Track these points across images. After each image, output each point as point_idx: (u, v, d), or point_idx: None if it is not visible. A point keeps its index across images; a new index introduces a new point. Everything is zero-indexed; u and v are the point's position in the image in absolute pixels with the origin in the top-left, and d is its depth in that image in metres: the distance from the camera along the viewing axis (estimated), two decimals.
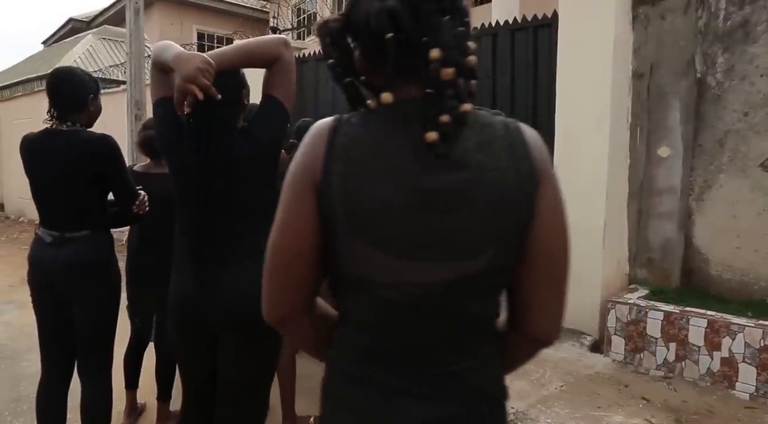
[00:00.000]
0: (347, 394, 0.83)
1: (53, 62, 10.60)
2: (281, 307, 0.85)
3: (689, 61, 3.75)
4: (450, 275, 0.76)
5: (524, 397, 3.00)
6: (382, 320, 0.81)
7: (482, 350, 0.83)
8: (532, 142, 0.80)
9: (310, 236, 0.79)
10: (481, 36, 4.81)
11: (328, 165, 0.77)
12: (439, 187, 0.75)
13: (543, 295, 0.82)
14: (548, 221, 0.79)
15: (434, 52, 0.74)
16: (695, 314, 3.23)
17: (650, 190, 3.91)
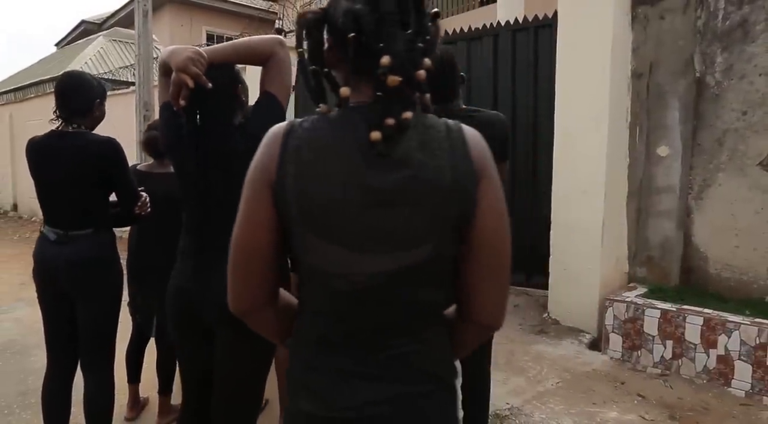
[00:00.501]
0: (306, 380, 0.89)
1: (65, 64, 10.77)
2: (244, 299, 0.91)
3: (688, 60, 3.77)
4: (393, 265, 0.82)
5: (520, 393, 3.04)
6: (333, 308, 0.87)
7: (429, 334, 0.88)
8: (472, 142, 0.86)
9: (268, 232, 0.86)
10: (482, 36, 4.86)
11: (281, 166, 0.83)
12: (383, 184, 0.81)
13: (485, 283, 0.88)
14: (488, 215, 0.84)
15: (385, 58, 0.80)
16: (691, 312, 3.24)
17: (649, 189, 3.93)
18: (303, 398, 0.88)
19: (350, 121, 0.83)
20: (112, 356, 2.20)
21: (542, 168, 4.39)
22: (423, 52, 0.83)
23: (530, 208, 4.56)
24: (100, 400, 2.16)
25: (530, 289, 4.63)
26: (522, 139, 4.64)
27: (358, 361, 0.86)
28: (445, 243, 0.84)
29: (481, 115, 2.04)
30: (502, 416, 2.79)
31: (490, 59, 4.80)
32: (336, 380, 0.86)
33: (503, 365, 3.39)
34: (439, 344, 0.90)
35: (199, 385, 1.73)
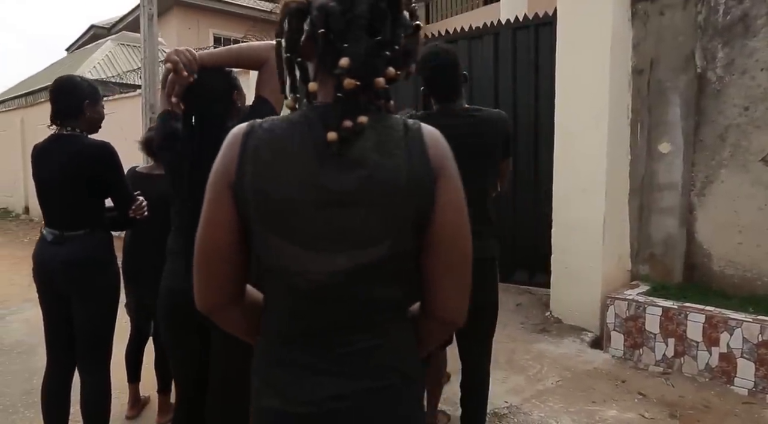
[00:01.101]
0: (269, 376, 0.90)
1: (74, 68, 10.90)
2: (208, 298, 0.92)
3: (689, 56, 3.74)
4: (350, 263, 0.83)
5: (519, 391, 3.03)
6: (294, 306, 0.88)
7: (389, 330, 0.89)
8: (429, 141, 0.86)
9: (230, 233, 0.87)
10: (483, 35, 4.86)
11: (240, 167, 0.85)
12: (338, 184, 0.82)
13: (446, 280, 0.89)
14: (446, 212, 0.85)
15: (343, 60, 0.81)
16: (693, 310, 3.22)
17: (651, 186, 3.90)
18: (266, 395, 0.90)
19: (309, 121, 0.85)
20: (108, 357, 2.22)
21: (544, 167, 4.38)
22: (388, 61, 0.83)
23: (532, 207, 4.55)
24: (96, 400, 2.18)
25: (533, 288, 4.62)
26: (523, 138, 4.63)
27: (320, 357, 0.87)
28: (403, 241, 0.84)
29: (483, 113, 2.04)
30: (501, 415, 2.78)
31: (490, 58, 4.80)
32: (298, 375, 0.87)
33: (504, 363, 3.38)
34: (401, 340, 0.91)
35: (194, 385, 1.75)
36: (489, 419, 2.74)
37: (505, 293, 4.66)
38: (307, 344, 0.87)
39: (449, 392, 2.85)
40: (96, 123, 2.23)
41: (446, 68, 1.98)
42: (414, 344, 0.94)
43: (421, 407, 0.95)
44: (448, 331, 0.98)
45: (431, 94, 2.03)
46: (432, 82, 2.00)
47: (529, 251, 4.58)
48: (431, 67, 1.98)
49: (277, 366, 0.89)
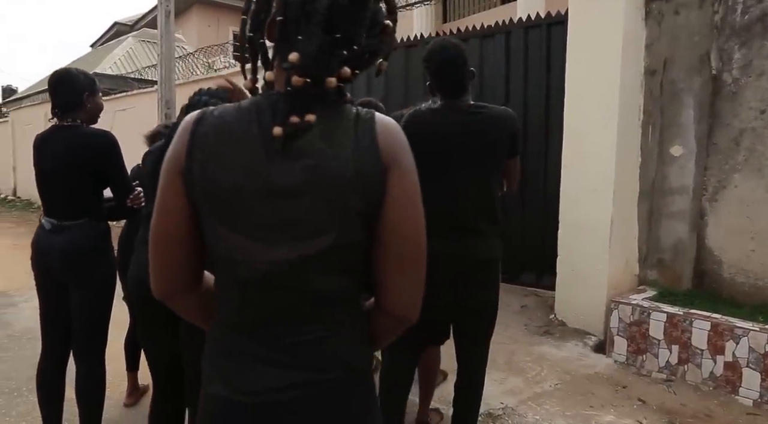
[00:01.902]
0: (217, 364, 0.90)
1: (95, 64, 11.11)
2: (163, 284, 0.92)
3: (704, 57, 3.65)
4: (294, 254, 0.82)
5: (516, 393, 2.99)
6: (241, 295, 0.87)
7: (339, 322, 0.87)
8: (381, 131, 0.84)
9: (182, 220, 0.86)
10: (494, 34, 4.81)
11: (190, 154, 0.84)
12: (283, 174, 0.80)
13: (396, 274, 0.86)
14: (397, 204, 0.83)
15: (292, 55, 0.80)
16: (698, 317, 3.14)
17: (662, 190, 3.82)
18: (214, 382, 0.89)
19: (259, 109, 0.83)
20: (103, 346, 2.25)
21: (554, 167, 4.31)
22: (345, 60, 0.81)
23: (541, 208, 4.49)
24: (91, 388, 2.22)
25: (540, 289, 4.57)
26: (534, 138, 4.57)
27: (267, 346, 0.86)
28: (350, 232, 0.83)
29: (490, 110, 2.00)
30: (495, 416, 2.75)
31: (502, 57, 4.75)
32: (245, 364, 0.86)
33: (503, 364, 3.35)
34: (352, 333, 0.89)
35: (167, 372, 1.77)
36: (483, 420, 2.71)
37: (511, 295, 4.62)
38: (255, 333, 0.87)
39: (445, 391, 2.83)
40: (96, 114, 2.27)
41: (453, 63, 1.93)
42: (365, 337, 0.92)
43: (370, 403, 0.92)
44: (401, 326, 0.94)
45: (437, 89, 1.99)
46: (438, 77, 1.96)
47: (536, 253, 4.52)
48: (438, 61, 1.94)
49: (225, 354, 0.89)
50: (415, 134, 2.10)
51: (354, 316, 0.90)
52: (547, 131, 4.48)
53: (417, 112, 2.03)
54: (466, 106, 1.98)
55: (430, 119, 1.99)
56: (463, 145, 1.93)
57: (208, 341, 0.93)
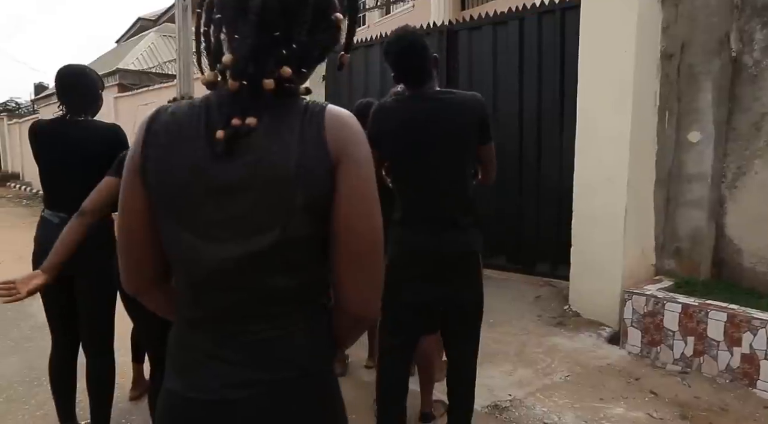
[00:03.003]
0: (174, 359, 0.91)
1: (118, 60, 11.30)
2: (131, 281, 0.94)
3: (723, 38, 3.52)
4: (239, 251, 0.81)
5: (525, 385, 2.97)
6: (193, 292, 0.88)
7: (290, 321, 0.86)
8: (330, 125, 0.82)
9: (142, 217, 0.87)
10: (507, 20, 4.72)
11: (144, 152, 0.85)
12: (226, 171, 0.80)
13: (350, 270, 0.85)
14: (348, 199, 0.82)
15: (226, 56, 0.79)
16: (714, 308, 3.05)
17: (679, 177, 3.71)
18: (170, 377, 0.90)
19: (208, 108, 0.83)
20: (110, 335, 2.30)
21: (569, 156, 4.22)
22: (283, 60, 0.79)
23: (556, 197, 4.41)
24: (101, 379, 2.27)
25: (555, 280, 4.50)
26: (548, 126, 4.49)
27: (219, 344, 0.86)
28: (296, 228, 0.81)
29: (456, 96, 1.94)
30: (502, 408, 2.73)
31: (515, 44, 4.66)
32: (199, 361, 0.87)
33: (513, 356, 3.32)
34: (306, 332, 0.88)
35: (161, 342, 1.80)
36: (489, 411, 2.70)
37: (526, 285, 4.58)
38: (210, 331, 0.87)
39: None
40: (100, 107, 2.33)
41: (410, 51, 1.88)
42: (324, 338, 0.91)
43: (327, 406, 0.91)
44: (361, 325, 0.93)
45: (399, 78, 1.94)
46: (397, 66, 1.91)
47: (552, 242, 4.45)
48: (395, 50, 1.90)
49: (182, 350, 0.90)
50: (381, 126, 2.06)
51: (310, 315, 0.88)
52: (562, 119, 4.38)
53: (382, 104, 2.00)
54: (432, 93, 1.93)
55: (395, 109, 1.95)
56: (430, 132, 1.88)
57: (170, 336, 0.94)
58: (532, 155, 4.61)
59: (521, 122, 4.65)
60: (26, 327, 4.05)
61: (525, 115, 4.63)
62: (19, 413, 2.77)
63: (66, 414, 2.35)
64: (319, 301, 0.91)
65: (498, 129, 4.75)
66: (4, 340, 3.80)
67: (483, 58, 4.90)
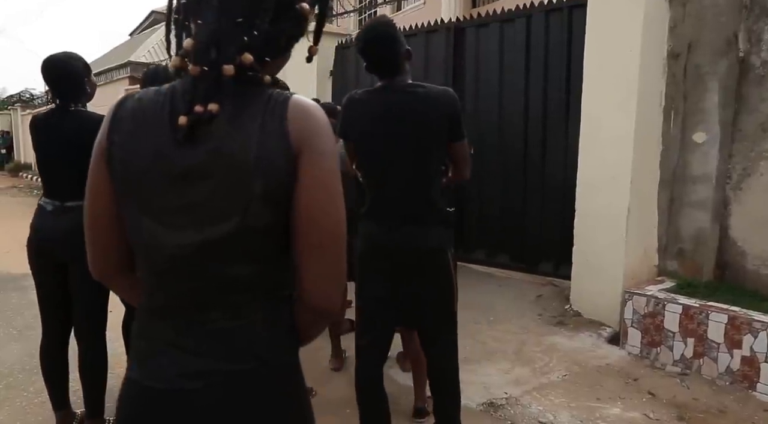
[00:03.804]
0: (136, 347, 0.91)
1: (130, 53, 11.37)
2: (97, 266, 0.95)
3: (731, 38, 3.48)
4: (198, 238, 0.81)
5: (521, 383, 2.96)
6: (153, 279, 0.88)
7: (249, 311, 0.85)
8: (293, 115, 0.81)
9: (108, 202, 0.88)
10: (514, 18, 4.69)
11: (109, 136, 0.85)
12: (187, 158, 0.80)
13: (311, 263, 0.83)
14: (309, 189, 0.81)
15: (186, 41, 0.80)
16: (715, 309, 3.03)
17: (683, 178, 3.68)
18: (131, 365, 0.90)
19: (173, 93, 0.84)
20: (103, 322, 2.32)
21: (574, 154, 4.19)
22: (245, 47, 0.79)
23: (560, 196, 4.38)
24: (93, 366, 2.29)
25: (557, 279, 4.48)
26: (554, 125, 4.46)
27: (177, 332, 0.85)
28: (255, 217, 0.80)
29: (426, 90, 1.90)
30: (497, 406, 2.72)
31: (522, 42, 4.63)
32: (157, 349, 0.87)
33: (511, 354, 3.31)
34: (266, 324, 0.86)
35: None
36: (484, 409, 2.70)
37: (528, 284, 4.57)
38: (169, 319, 0.87)
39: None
40: (92, 94, 2.33)
41: (378, 41, 1.86)
42: (285, 330, 0.89)
43: (286, 397, 0.89)
44: (322, 318, 0.92)
45: (370, 70, 1.92)
46: (366, 56, 1.89)
47: (555, 241, 4.43)
48: (363, 41, 1.88)
49: (143, 339, 0.90)
50: (350, 117, 2.06)
51: (270, 306, 0.87)
52: (568, 118, 4.35)
53: (352, 95, 1.98)
54: (402, 86, 1.90)
55: (364, 101, 1.94)
56: (395, 126, 1.86)
57: (133, 326, 0.94)
58: (538, 154, 4.58)
59: (527, 120, 4.63)
60: (30, 315, 4.09)
61: (531, 114, 4.60)
62: (17, 400, 2.80)
63: (59, 402, 2.37)
64: (281, 291, 0.89)
65: (503, 127, 4.79)
66: (8, 328, 3.86)
67: (490, 55, 4.88)
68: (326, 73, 6.40)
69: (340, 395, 2.69)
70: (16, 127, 18.70)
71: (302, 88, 1.52)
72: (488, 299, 4.20)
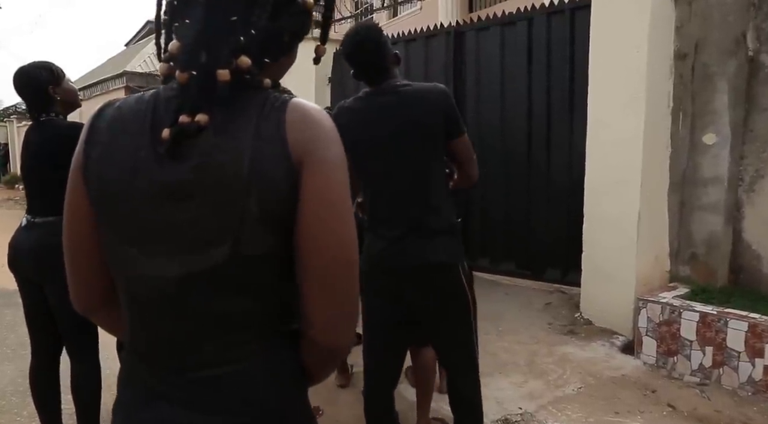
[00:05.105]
0: (122, 392, 0.80)
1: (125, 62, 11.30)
2: (80, 298, 0.83)
3: (740, 38, 3.40)
4: (183, 269, 0.70)
5: (536, 397, 2.85)
6: (135, 316, 0.77)
7: (248, 354, 0.74)
8: (292, 120, 0.69)
9: (87, 224, 0.76)
10: (516, 21, 4.62)
11: (86, 150, 0.74)
12: (171, 174, 0.69)
13: (317, 291, 0.72)
14: (313, 208, 0.69)
15: (172, 44, 0.69)
16: (734, 316, 2.93)
17: (694, 181, 3.58)
18: (117, 413, 0.79)
19: (156, 101, 0.73)
20: (93, 340, 2.18)
21: (579, 158, 4.11)
22: (240, 48, 0.68)
23: (566, 201, 4.29)
24: (85, 385, 2.19)
25: (565, 286, 4.39)
26: (558, 129, 4.38)
27: (168, 382, 0.74)
28: (250, 243, 0.69)
29: (414, 87, 1.78)
30: (512, 422, 2.61)
31: (524, 45, 4.55)
32: (142, 398, 0.76)
33: (523, 366, 3.20)
34: (267, 365, 0.75)
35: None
36: None
37: (535, 292, 4.47)
38: (155, 364, 0.75)
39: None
40: (71, 101, 2.21)
41: (362, 46, 1.76)
42: (289, 372, 0.77)
43: None
44: (333, 356, 0.79)
45: (357, 76, 1.81)
46: (351, 61, 1.79)
47: (561, 248, 4.33)
48: (348, 45, 1.78)
49: (128, 383, 0.79)
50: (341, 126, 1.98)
51: (271, 346, 0.75)
52: (572, 121, 4.27)
53: (342, 103, 1.88)
54: (388, 88, 1.78)
55: (352, 108, 1.83)
56: (385, 128, 1.75)
57: (120, 365, 0.83)
58: (541, 158, 4.50)
59: (530, 125, 4.55)
60: (23, 333, 3.94)
61: (534, 118, 4.52)
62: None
63: None
64: (283, 326, 0.77)
65: (506, 131, 4.70)
66: (1, 347, 3.74)
67: (491, 59, 4.80)
68: (325, 80, 6.32)
69: (348, 414, 2.58)
70: (12, 139, 18.61)
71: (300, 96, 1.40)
72: (496, 308, 4.09)
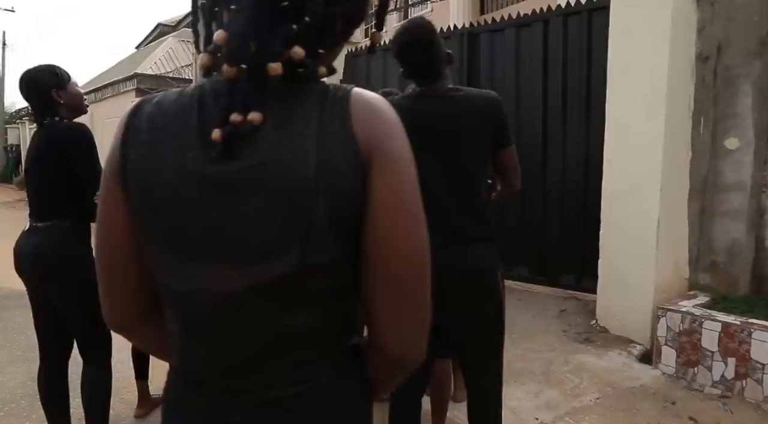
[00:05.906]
0: (168, 418, 0.74)
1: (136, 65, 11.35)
2: (114, 314, 0.76)
3: (764, 38, 3.31)
4: (243, 281, 0.63)
5: (552, 407, 2.78)
6: (186, 335, 0.70)
7: (316, 372, 0.68)
8: (359, 112, 0.63)
9: (124, 234, 0.69)
10: (531, 23, 4.56)
11: (123, 152, 0.67)
12: (225, 175, 0.62)
13: (385, 299, 0.66)
14: (385, 208, 0.63)
15: (217, 34, 0.62)
16: (759, 327, 2.83)
17: (715, 186, 3.49)
18: None
19: (201, 97, 0.66)
20: (103, 342, 2.14)
21: (595, 163, 4.03)
22: (294, 37, 0.61)
23: (582, 207, 4.22)
24: (93, 388, 2.16)
25: (580, 293, 4.30)
26: (574, 132, 4.30)
27: (224, 407, 0.67)
28: (318, 250, 0.62)
29: (466, 93, 1.73)
30: None
31: (540, 47, 4.48)
32: None
33: (539, 375, 3.13)
34: (336, 383, 0.69)
35: None
36: None
37: (549, 298, 4.39)
38: (208, 388, 0.69)
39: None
40: (76, 104, 2.17)
41: (414, 45, 1.69)
42: (358, 390, 0.72)
43: None
44: (402, 369, 0.73)
45: (407, 75, 1.75)
46: (401, 60, 1.72)
47: (576, 253, 4.26)
48: (400, 44, 1.71)
49: (176, 409, 0.72)
50: None
51: (337, 361, 0.70)
52: (588, 125, 4.20)
53: (391, 100, 1.78)
54: (440, 91, 1.72)
55: (403, 107, 1.73)
56: (436, 133, 1.68)
57: (164, 388, 0.77)
58: (557, 162, 4.42)
59: (545, 128, 4.48)
60: (33, 336, 3.95)
61: (549, 121, 4.45)
62: None
63: None
64: (345, 341, 0.71)
65: (520, 136, 4.61)
66: (11, 349, 3.72)
67: (505, 62, 4.74)
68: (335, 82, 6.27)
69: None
70: (24, 140, 18.79)
71: None
72: (509, 315, 3.93)
